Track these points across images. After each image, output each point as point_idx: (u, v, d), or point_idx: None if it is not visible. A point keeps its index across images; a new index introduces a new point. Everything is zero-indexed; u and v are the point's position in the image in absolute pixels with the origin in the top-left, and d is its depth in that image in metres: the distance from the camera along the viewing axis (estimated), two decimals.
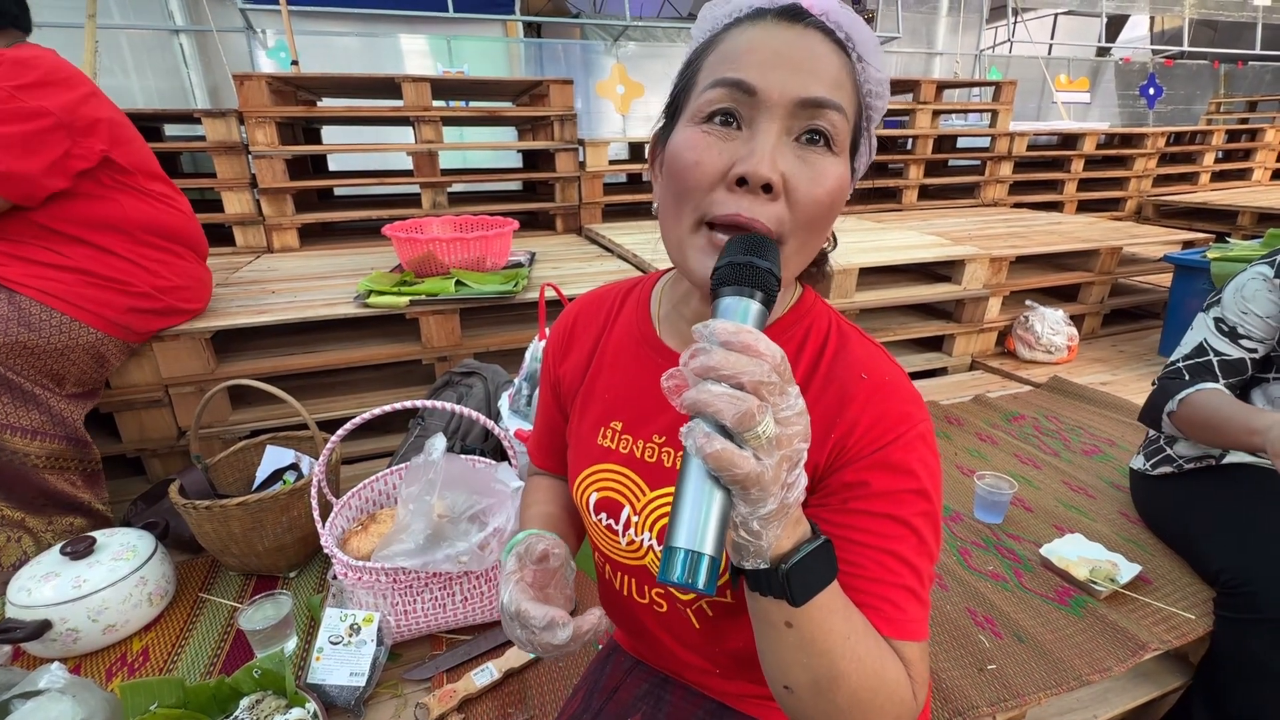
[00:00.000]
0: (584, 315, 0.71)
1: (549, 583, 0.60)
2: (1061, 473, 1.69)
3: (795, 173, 0.47)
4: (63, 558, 1.14)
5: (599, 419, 0.65)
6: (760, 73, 0.47)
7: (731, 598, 0.59)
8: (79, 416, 1.40)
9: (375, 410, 1.11)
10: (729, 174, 0.47)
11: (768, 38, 0.48)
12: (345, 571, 1.06)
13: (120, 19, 3.83)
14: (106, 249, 1.40)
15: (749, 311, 0.42)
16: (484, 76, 3.12)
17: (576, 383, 0.69)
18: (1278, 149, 5.07)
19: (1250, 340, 1.22)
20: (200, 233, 1.63)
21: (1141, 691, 1.12)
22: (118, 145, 1.39)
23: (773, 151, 0.47)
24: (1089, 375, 2.34)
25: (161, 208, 1.49)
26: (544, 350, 0.76)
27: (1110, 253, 2.67)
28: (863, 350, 0.57)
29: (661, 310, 0.64)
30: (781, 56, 0.47)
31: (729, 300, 0.42)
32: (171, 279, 1.52)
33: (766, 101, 0.47)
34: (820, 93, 0.47)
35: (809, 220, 0.49)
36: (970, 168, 4.12)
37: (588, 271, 2.21)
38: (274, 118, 2.48)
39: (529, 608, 0.54)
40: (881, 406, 0.52)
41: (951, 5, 5.80)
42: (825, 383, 0.55)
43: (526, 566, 0.59)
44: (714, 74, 0.49)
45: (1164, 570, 1.29)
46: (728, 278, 0.43)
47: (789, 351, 0.57)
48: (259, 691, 0.96)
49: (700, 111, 0.49)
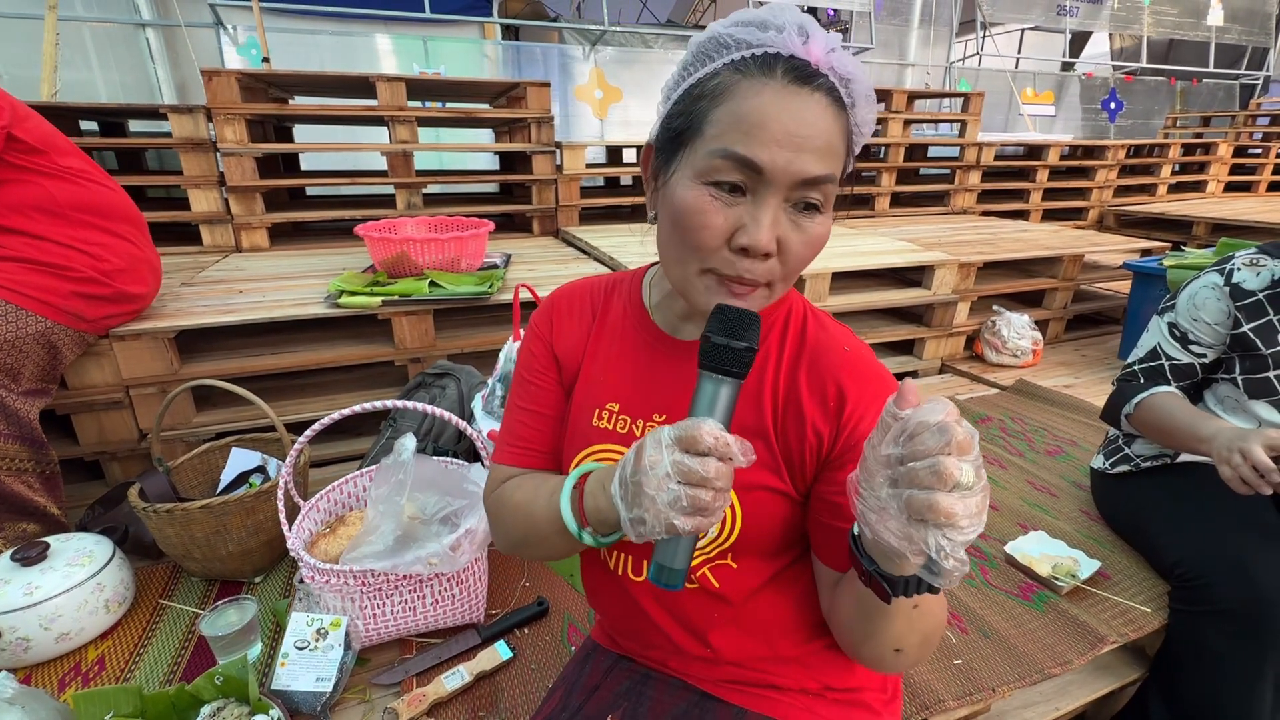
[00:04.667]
0: (570, 303, 0.73)
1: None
2: (1026, 472, 1.73)
3: (790, 237, 0.54)
4: (13, 564, 1.10)
5: (594, 401, 0.68)
6: (769, 153, 0.51)
7: (735, 561, 0.66)
8: (34, 415, 1.35)
9: (345, 410, 1.09)
10: (733, 239, 0.54)
11: (778, 110, 0.51)
12: (312, 574, 1.04)
13: (84, 11, 3.71)
14: (40, 235, 1.36)
15: (720, 397, 0.50)
16: (461, 77, 3.11)
17: (573, 369, 0.71)
18: (1230, 163, 5.29)
19: (1200, 346, 1.27)
20: (133, 204, 1.57)
21: (1101, 684, 1.16)
22: (18, 122, 1.34)
23: (773, 224, 0.53)
24: (1053, 378, 2.40)
25: (85, 184, 1.44)
26: (529, 334, 0.74)
27: (1073, 260, 2.75)
28: (837, 329, 0.66)
29: (653, 299, 0.69)
30: (790, 134, 0.51)
31: (709, 388, 0.51)
32: (113, 260, 1.47)
33: (772, 179, 0.52)
34: (819, 171, 0.52)
35: (797, 269, 0.57)
36: (940, 176, 4.21)
37: (563, 274, 2.20)
38: (244, 115, 2.43)
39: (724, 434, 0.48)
40: (866, 374, 0.61)
41: (923, 18, 5.93)
42: (814, 357, 0.63)
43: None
44: (724, 141, 0.52)
45: (1122, 566, 1.33)
46: (727, 362, 0.50)
47: (773, 330, 0.65)
48: (221, 699, 0.93)
49: (707, 174, 0.53)
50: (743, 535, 0.63)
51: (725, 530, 0.64)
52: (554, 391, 0.72)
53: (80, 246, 1.40)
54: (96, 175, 1.49)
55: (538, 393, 0.72)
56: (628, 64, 4.81)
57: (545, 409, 0.72)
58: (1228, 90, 7.06)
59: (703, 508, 0.47)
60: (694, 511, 0.47)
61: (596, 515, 0.56)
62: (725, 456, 0.47)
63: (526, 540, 0.67)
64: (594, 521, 0.57)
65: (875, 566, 0.48)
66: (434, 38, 4.43)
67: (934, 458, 0.40)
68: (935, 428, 0.41)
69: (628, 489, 0.49)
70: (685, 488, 0.46)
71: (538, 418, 0.72)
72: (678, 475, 0.47)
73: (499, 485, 0.73)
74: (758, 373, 0.64)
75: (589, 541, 0.58)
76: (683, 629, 0.70)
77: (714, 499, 0.47)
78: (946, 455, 0.40)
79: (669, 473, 0.47)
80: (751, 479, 0.62)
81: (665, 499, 0.46)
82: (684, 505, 0.46)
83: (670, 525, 0.47)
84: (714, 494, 0.47)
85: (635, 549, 0.69)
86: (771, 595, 0.68)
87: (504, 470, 0.73)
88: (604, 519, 0.55)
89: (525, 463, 0.72)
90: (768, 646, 0.69)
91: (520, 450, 0.72)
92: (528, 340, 0.74)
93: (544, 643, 1.15)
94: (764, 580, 0.67)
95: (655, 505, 0.47)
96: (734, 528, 0.63)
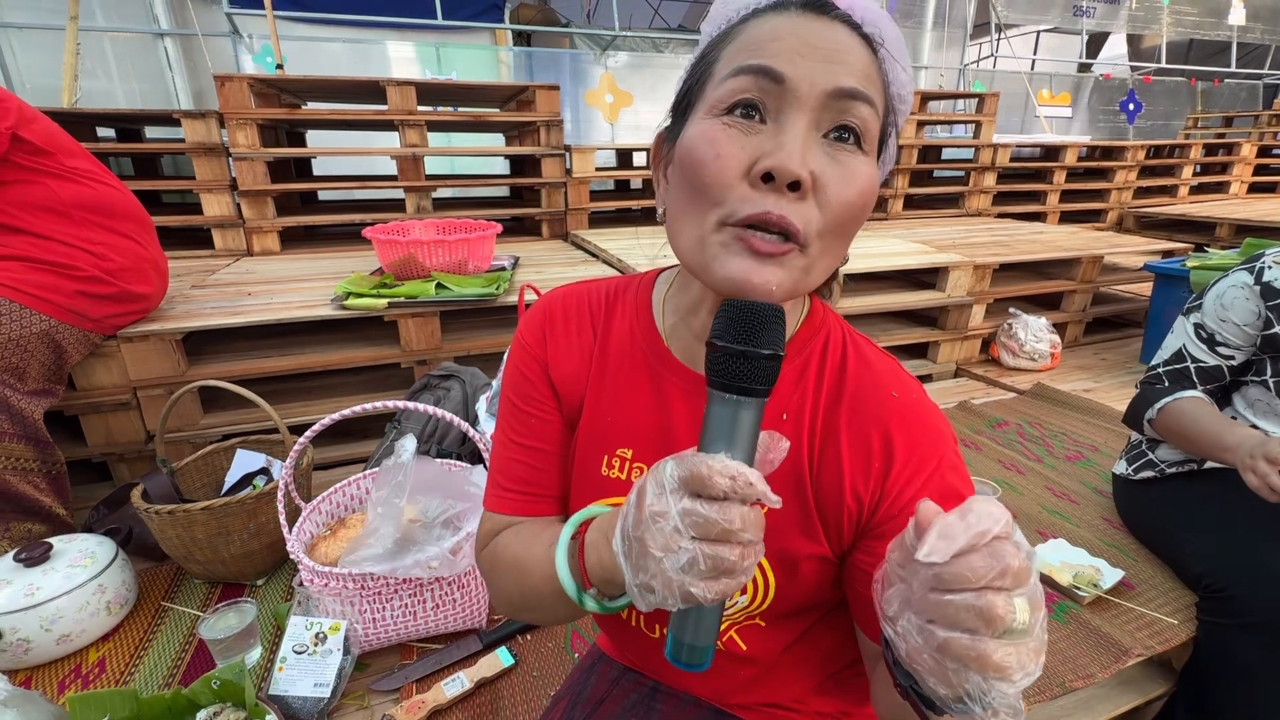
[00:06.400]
0: (566, 314, 0.61)
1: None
2: (1045, 478, 1.68)
3: (826, 171, 0.43)
4: (16, 565, 1.10)
5: (602, 446, 0.57)
6: (789, 60, 0.43)
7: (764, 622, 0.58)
8: (39, 415, 1.36)
9: (346, 411, 1.08)
10: (753, 169, 0.43)
11: (794, 26, 0.44)
12: (311, 577, 1.02)
13: (104, 21, 3.79)
14: (44, 234, 1.36)
15: (740, 424, 0.39)
16: (470, 81, 3.12)
17: (574, 402, 0.59)
18: (1253, 163, 5.18)
19: (1227, 348, 1.22)
20: (139, 205, 1.58)
21: (1125, 699, 1.11)
22: (25, 123, 1.35)
23: (803, 146, 0.42)
24: (1072, 382, 2.35)
25: (91, 184, 1.45)
26: (518, 349, 0.61)
27: (1092, 261, 2.69)
28: (883, 365, 0.54)
29: (667, 321, 0.57)
30: (810, 45, 0.43)
31: (723, 414, 0.39)
32: (117, 259, 1.47)
33: (795, 92, 0.43)
34: (852, 83, 0.43)
35: (839, 223, 0.45)
36: (954, 178, 4.16)
37: (571, 276, 2.19)
38: (255, 120, 2.45)
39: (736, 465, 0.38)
40: (917, 427, 0.51)
41: (936, 21, 5.89)
42: (855, 402, 0.52)
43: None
44: (735, 62, 0.45)
45: (1147, 575, 1.28)
46: (745, 376, 0.39)
47: (810, 367, 0.54)
48: (217, 703, 0.92)
49: (720, 103, 0.45)
50: (775, 602, 0.55)
51: (758, 600, 0.55)
52: (555, 423, 0.59)
53: (84, 245, 1.41)
54: (102, 175, 1.50)
55: (537, 425, 0.59)
56: (639, 69, 4.82)
57: (546, 444, 0.59)
58: (1250, 90, 6.92)
59: (728, 569, 0.36)
60: (717, 575, 0.36)
61: (600, 573, 0.44)
62: (748, 499, 0.36)
63: (525, 604, 0.55)
64: (597, 580, 0.45)
65: (912, 683, 0.37)
66: (446, 44, 4.46)
67: (978, 592, 0.31)
68: (984, 551, 0.31)
69: (630, 546, 0.39)
70: (702, 545, 0.36)
71: (537, 454, 0.59)
72: (691, 529, 0.36)
73: (492, 539, 0.60)
74: (794, 417, 0.52)
75: (593, 607, 0.47)
76: (699, 680, 0.65)
77: (741, 556, 0.36)
78: (997, 590, 0.31)
79: (678, 527, 0.36)
80: (786, 545, 0.52)
81: (677, 562, 0.36)
82: (702, 569, 0.36)
83: (687, 594, 0.36)
84: (741, 550, 0.36)
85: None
86: (802, 650, 0.60)
87: (499, 520, 0.60)
88: (609, 578, 0.43)
89: (526, 510, 0.59)
90: (792, 694, 0.65)
91: (518, 495, 0.59)
92: (517, 357, 0.61)
93: (547, 650, 1.12)
94: (795, 637, 0.59)
95: (664, 571, 0.36)
96: (767, 595, 0.54)
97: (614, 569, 0.41)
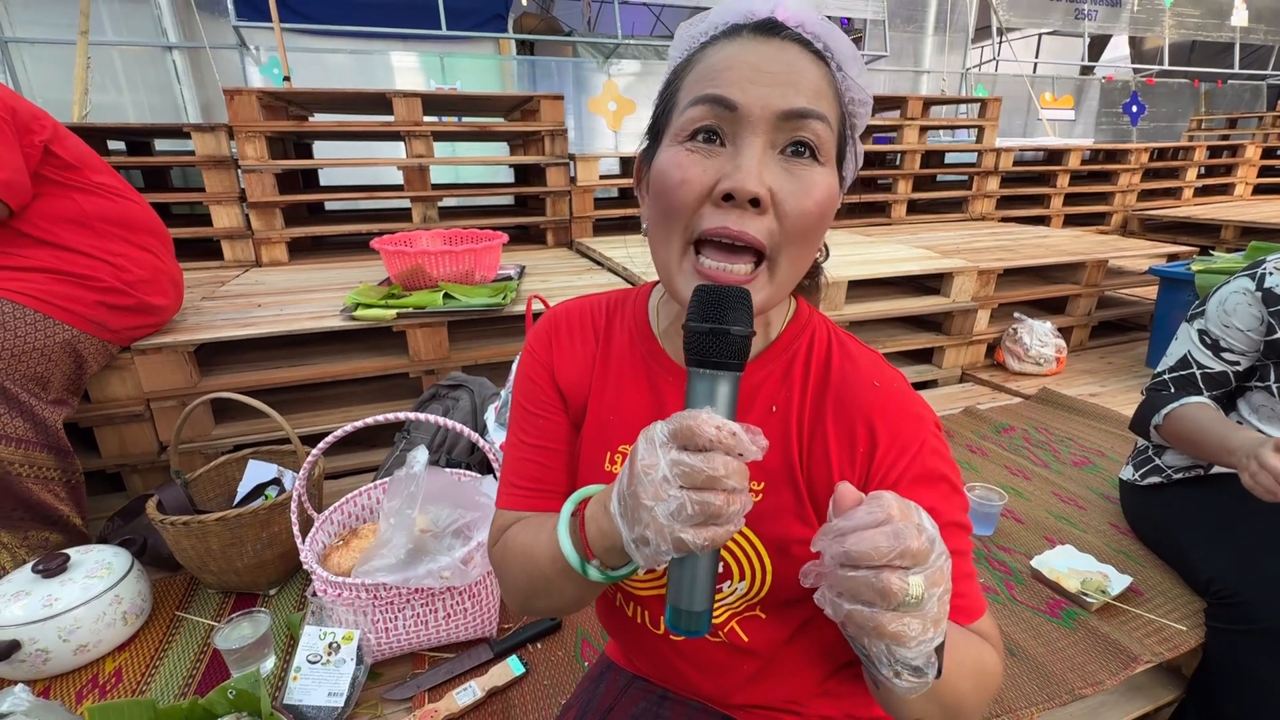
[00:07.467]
0: (570, 324, 0.66)
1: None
2: (1051, 484, 1.68)
3: (782, 186, 0.47)
4: (34, 575, 1.12)
5: (605, 443, 0.61)
6: (740, 88, 0.47)
7: (763, 613, 0.61)
8: (59, 424, 1.38)
9: (358, 423, 1.09)
10: (715, 190, 0.47)
11: (745, 53, 0.48)
12: (324, 588, 1.04)
13: (113, 35, 3.84)
14: (67, 246, 1.40)
15: (718, 395, 0.43)
16: (475, 92, 3.14)
17: (579, 404, 0.64)
18: (1258, 165, 5.17)
19: (1232, 353, 1.23)
20: (158, 219, 1.62)
21: (1134, 705, 1.11)
22: (58, 139, 1.40)
23: (758, 166, 0.46)
24: (1078, 387, 2.35)
25: (114, 199, 1.49)
26: (527, 358, 0.66)
27: (1097, 265, 2.69)
28: (865, 359, 0.58)
29: (661, 325, 0.62)
30: (760, 71, 0.47)
31: (701, 388, 0.43)
32: (136, 271, 1.50)
33: (748, 117, 0.47)
34: (802, 103, 0.47)
35: (799, 233, 0.49)
36: (957, 183, 4.16)
37: (577, 285, 2.21)
38: (264, 132, 2.48)
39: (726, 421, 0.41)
40: (898, 414, 0.54)
41: (938, 25, 5.90)
42: (840, 393, 0.56)
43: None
44: (694, 92, 0.49)
45: (1155, 581, 1.28)
46: (719, 352, 0.43)
47: (796, 363, 0.58)
48: (233, 713, 0.93)
49: (683, 130, 0.49)
50: (773, 590, 0.58)
51: (755, 586, 0.58)
52: (562, 424, 0.64)
53: (105, 257, 1.44)
54: (124, 190, 1.54)
55: (546, 426, 0.63)
56: (641, 76, 4.84)
57: (554, 443, 0.63)
58: (1254, 91, 6.91)
59: (714, 514, 0.39)
60: (704, 520, 0.39)
61: (601, 542, 0.47)
62: (732, 450, 0.39)
63: (533, 589, 0.58)
64: (599, 551, 0.47)
65: (860, 648, 0.42)
66: (450, 54, 4.50)
67: (876, 571, 0.36)
68: (884, 531, 0.36)
69: (625, 503, 0.42)
70: (689, 493, 0.39)
71: (548, 453, 0.63)
72: (679, 479, 0.39)
73: (503, 534, 0.63)
74: (783, 410, 0.57)
75: (596, 577, 0.49)
76: (706, 676, 0.66)
77: (726, 501, 0.39)
78: (894, 569, 0.36)
79: (667, 476, 0.39)
80: (781, 532, 0.56)
81: (668, 509, 0.39)
82: (690, 513, 0.39)
83: (678, 540, 0.39)
84: (725, 495, 0.39)
85: (649, 598, 0.63)
86: (804, 642, 0.63)
87: (510, 516, 0.63)
88: (610, 545, 0.46)
89: (536, 505, 0.62)
90: (796, 690, 0.66)
91: (530, 492, 0.62)
92: (526, 366, 0.65)
93: (557, 658, 1.13)
94: (796, 628, 0.62)
95: (656, 518, 0.39)
96: (764, 583, 0.58)
97: (613, 534, 0.44)
